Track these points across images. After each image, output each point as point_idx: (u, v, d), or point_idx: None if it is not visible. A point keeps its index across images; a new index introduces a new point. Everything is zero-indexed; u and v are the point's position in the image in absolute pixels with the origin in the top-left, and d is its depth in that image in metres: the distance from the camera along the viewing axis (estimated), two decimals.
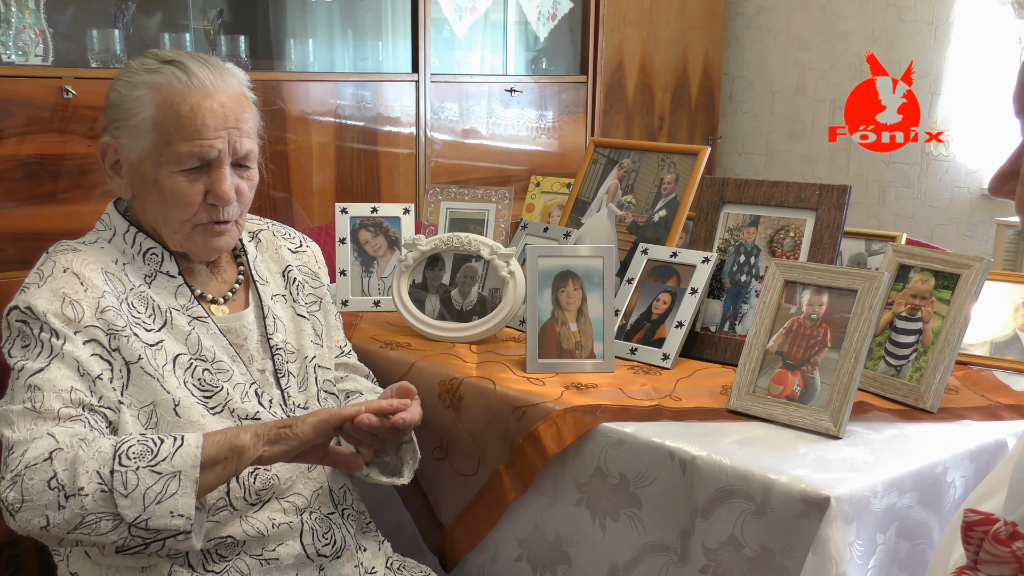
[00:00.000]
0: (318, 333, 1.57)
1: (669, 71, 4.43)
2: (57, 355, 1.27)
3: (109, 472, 1.18)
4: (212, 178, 1.36)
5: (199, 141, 1.33)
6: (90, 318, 1.30)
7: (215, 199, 1.36)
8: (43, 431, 1.22)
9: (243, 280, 1.51)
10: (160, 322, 1.37)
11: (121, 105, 1.36)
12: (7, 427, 1.24)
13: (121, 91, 1.36)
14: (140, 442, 1.21)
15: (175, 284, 1.41)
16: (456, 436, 1.64)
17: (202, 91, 1.34)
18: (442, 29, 3.66)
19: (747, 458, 1.30)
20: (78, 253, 1.36)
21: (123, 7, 2.97)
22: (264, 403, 1.43)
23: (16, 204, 2.58)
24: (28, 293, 1.31)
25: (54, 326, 1.28)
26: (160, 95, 1.34)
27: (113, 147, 1.38)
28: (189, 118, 1.33)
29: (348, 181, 3.35)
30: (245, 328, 1.47)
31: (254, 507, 1.39)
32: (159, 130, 1.33)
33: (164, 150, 1.34)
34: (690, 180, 1.94)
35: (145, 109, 1.34)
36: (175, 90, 1.33)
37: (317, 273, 1.61)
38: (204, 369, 1.38)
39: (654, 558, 1.38)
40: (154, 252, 1.41)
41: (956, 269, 1.53)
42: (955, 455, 1.36)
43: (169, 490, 1.18)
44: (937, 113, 4.08)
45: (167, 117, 1.33)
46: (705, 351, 1.76)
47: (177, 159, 1.33)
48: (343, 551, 1.48)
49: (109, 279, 1.35)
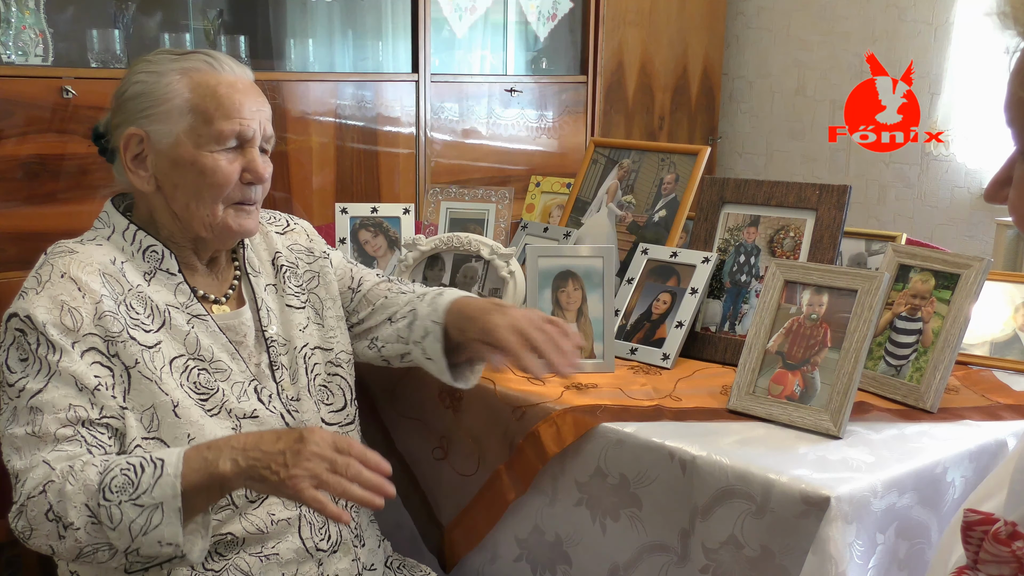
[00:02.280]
0: (319, 313, 1.56)
1: (669, 71, 4.43)
2: (54, 373, 1.28)
3: (96, 505, 1.20)
4: (247, 157, 1.41)
5: (239, 119, 1.38)
6: (89, 325, 1.31)
7: (252, 176, 1.41)
8: (39, 459, 1.25)
9: (240, 277, 1.51)
10: (159, 322, 1.37)
11: (150, 94, 1.38)
12: (14, 453, 1.27)
13: (147, 80, 1.39)
14: (123, 471, 1.20)
15: (175, 282, 1.42)
16: (456, 436, 1.64)
17: (232, 75, 1.41)
18: (442, 29, 3.66)
19: (747, 458, 1.30)
20: (75, 255, 1.35)
21: (123, 7, 2.97)
22: (264, 399, 1.43)
23: (16, 204, 2.58)
24: (27, 300, 1.31)
25: (52, 338, 1.28)
26: (194, 79, 1.38)
27: (139, 137, 1.39)
28: (227, 97, 1.38)
29: (348, 181, 3.34)
30: (244, 325, 1.47)
31: (253, 504, 1.39)
32: (197, 111, 1.37)
33: (203, 130, 1.37)
34: (690, 180, 1.94)
35: (180, 93, 1.38)
36: (208, 74, 1.39)
37: (310, 249, 1.60)
38: (201, 370, 1.38)
39: (654, 558, 1.39)
40: (154, 249, 1.41)
41: (956, 269, 1.53)
42: (955, 455, 1.36)
43: (153, 522, 1.19)
44: (937, 113, 4.07)
45: (205, 98, 1.38)
46: (705, 351, 1.76)
47: (218, 137, 1.37)
48: (340, 545, 1.48)
49: (107, 281, 1.35)
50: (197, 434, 1.34)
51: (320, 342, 1.55)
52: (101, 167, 2.72)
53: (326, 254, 1.61)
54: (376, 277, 1.66)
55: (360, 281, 1.64)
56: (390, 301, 1.61)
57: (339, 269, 1.63)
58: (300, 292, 1.56)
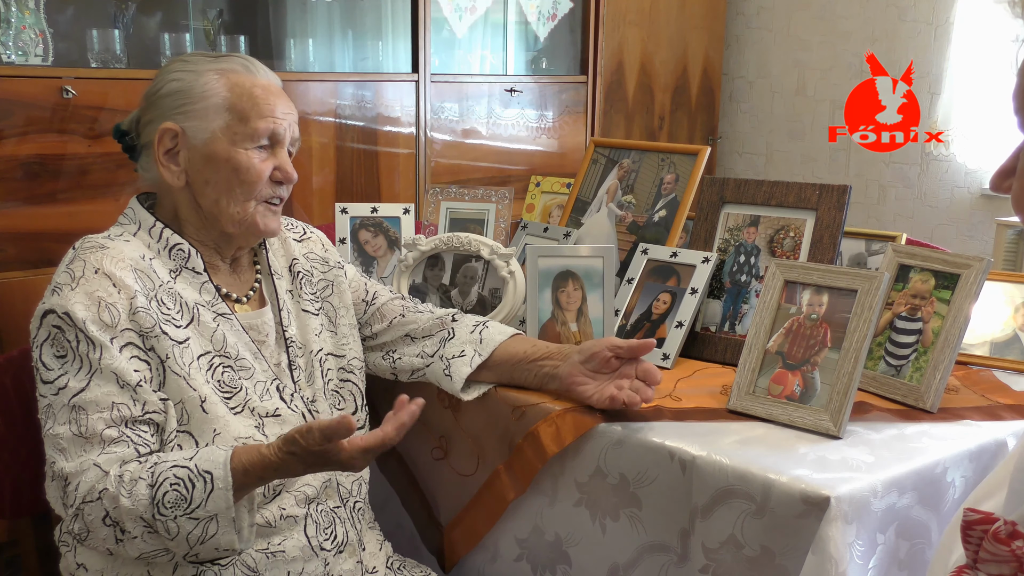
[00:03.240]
0: (332, 320, 1.59)
1: (669, 71, 4.43)
2: (96, 371, 1.29)
3: (152, 517, 1.25)
4: (279, 157, 1.46)
5: (273, 118, 1.44)
6: (125, 320, 1.32)
7: (283, 175, 1.46)
8: (90, 461, 1.27)
9: (260, 279, 1.54)
10: (188, 318, 1.39)
11: (187, 91, 1.42)
12: (59, 454, 1.29)
13: (185, 79, 1.43)
14: (173, 487, 1.24)
15: (200, 281, 1.44)
16: (456, 436, 1.64)
17: (265, 78, 1.47)
18: (442, 29, 3.66)
19: (747, 458, 1.30)
20: (106, 251, 1.37)
21: (123, 7, 2.97)
22: (286, 398, 1.46)
23: (16, 204, 2.58)
24: (62, 296, 1.31)
25: (91, 335, 1.29)
26: (231, 80, 1.43)
27: (173, 132, 1.42)
28: (263, 98, 1.44)
29: (348, 181, 3.34)
30: (266, 325, 1.49)
31: (267, 499, 1.41)
32: (234, 110, 1.42)
33: (239, 128, 1.42)
34: (690, 180, 1.94)
35: (219, 91, 1.42)
36: (244, 76, 1.45)
37: (325, 258, 1.64)
38: (226, 368, 1.40)
39: (654, 558, 1.38)
40: (180, 248, 1.43)
41: (956, 269, 1.53)
42: (955, 455, 1.36)
43: (209, 532, 1.25)
44: (937, 113, 4.07)
45: (242, 98, 1.43)
46: (705, 351, 1.76)
47: (253, 135, 1.42)
48: (345, 546, 1.48)
49: (139, 276, 1.37)
50: (223, 430, 1.36)
51: (333, 349, 1.57)
52: (101, 167, 2.73)
53: (340, 265, 1.65)
54: (390, 293, 1.70)
55: (374, 295, 1.67)
56: (407, 320, 1.65)
57: (354, 281, 1.67)
58: (314, 299, 1.58)
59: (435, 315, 1.65)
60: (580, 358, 1.49)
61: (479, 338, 1.59)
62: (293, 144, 1.50)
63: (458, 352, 1.58)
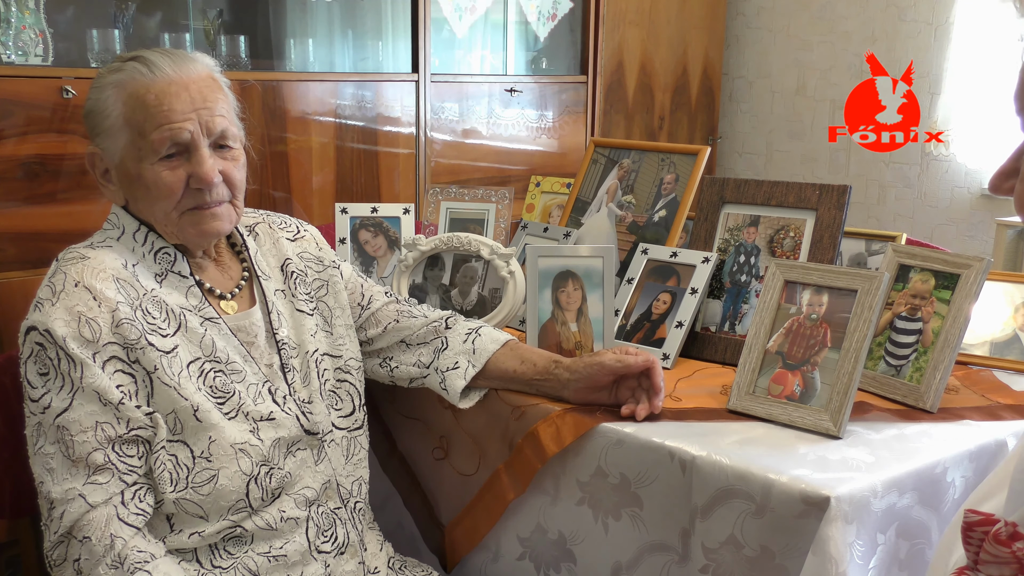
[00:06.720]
0: (327, 321, 1.57)
1: (669, 71, 4.43)
2: (78, 389, 1.28)
3: None
4: (192, 162, 1.36)
5: (168, 125, 1.33)
6: (107, 334, 1.30)
7: (197, 182, 1.36)
8: (75, 491, 1.27)
9: (248, 276, 1.51)
10: (175, 325, 1.37)
11: (95, 111, 1.37)
12: (47, 475, 1.29)
13: (92, 97, 1.38)
14: None
15: (186, 284, 1.41)
16: (456, 436, 1.64)
17: (165, 79, 1.35)
18: (442, 29, 3.66)
19: (747, 458, 1.30)
20: (87, 262, 1.34)
21: (123, 7, 2.97)
22: (279, 400, 1.44)
23: (16, 204, 2.58)
24: (43, 312, 1.30)
25: (72, 353, 1.27)
26: (126, 91, 1.35)
27: (98, 155, 1.39)
28: (155, 106, 1.34)
29: (348, 181, 3.34)
30: (254, 326, 1.47)
31: (266, 503, 1.40)
32: (131, 125, 1.35)
33: (140, 143, 1.35)
34: (690, 180, 1.94)
35: (115, 108, 1.35)
36: (139, 83, 1.35)
37: (320, 257, 1.60)
38: (217, 373, 1.38)
39: (655, 557, 1.39)
40: (166, 251, 1.41)
41: (956, 269, 1.53)
42: (955, 455, 1.36)
43: None
44: (937, 113, 4.08)
45: (136, 110, 1.34)
46: (705, 351, 1.76)
47: (153, 148, 1.34)
48: (346, 547, 1.48)
49: (121, 287, 1.34)
50: (218, 437, 1.35)
51: (329, 349, 1.55)
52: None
53: (336, 264, 1.62)
54: (385, 296, 1.67)
55: (370, 299, 1.65)
56: (402, 325, 1.63)
57: (350, 282, 1.64)
58: (309, 299, 1.56)
59: (429, 320, 1.64)
60: (582, 385, 1.49)
61: (472, 348, 1.58)
62: (225, 138, 1.39)
63: (452, 364, 1.57)
